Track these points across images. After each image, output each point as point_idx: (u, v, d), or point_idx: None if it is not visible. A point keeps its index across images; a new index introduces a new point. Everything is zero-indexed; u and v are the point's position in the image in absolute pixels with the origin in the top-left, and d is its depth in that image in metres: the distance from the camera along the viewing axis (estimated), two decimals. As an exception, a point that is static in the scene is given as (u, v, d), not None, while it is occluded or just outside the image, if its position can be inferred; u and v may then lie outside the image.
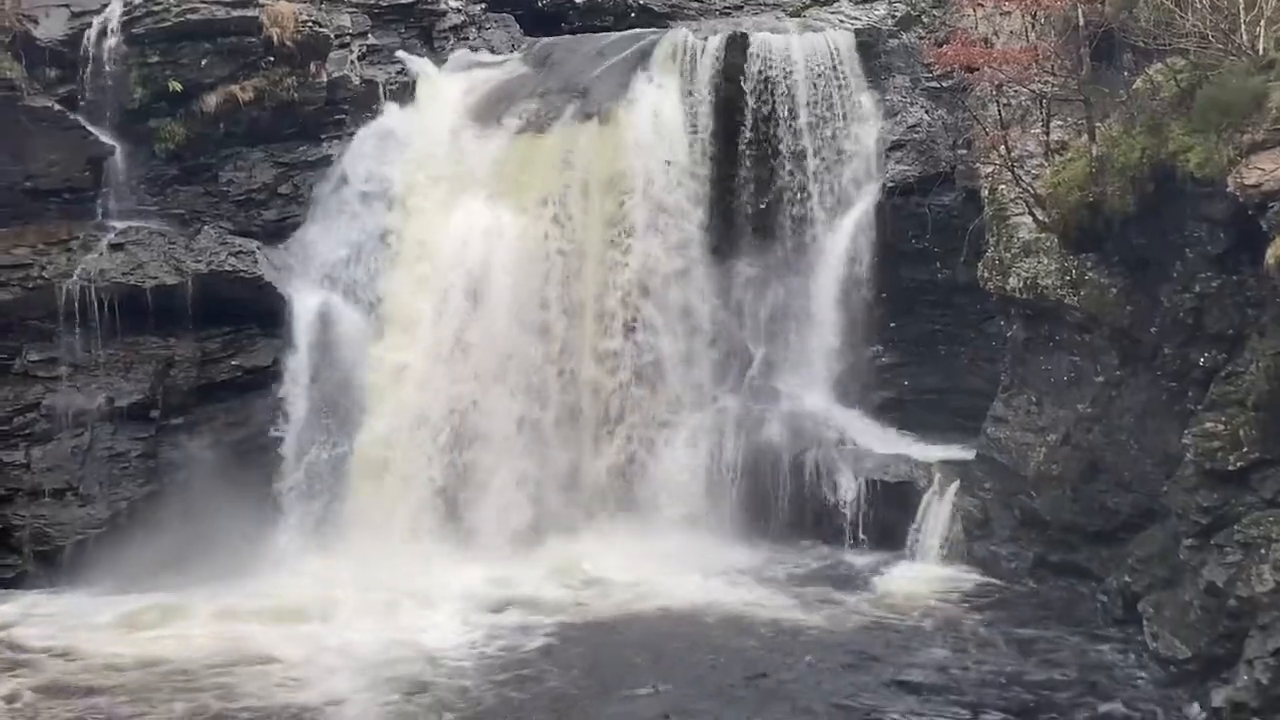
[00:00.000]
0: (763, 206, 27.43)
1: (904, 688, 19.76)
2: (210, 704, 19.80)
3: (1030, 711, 18.92)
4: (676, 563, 24.85)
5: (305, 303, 26.28)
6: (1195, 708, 18.61)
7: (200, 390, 25.74)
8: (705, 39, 27.75)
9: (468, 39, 29.23)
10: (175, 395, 25.53)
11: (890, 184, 26.99)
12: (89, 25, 26.51)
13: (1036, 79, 23.11)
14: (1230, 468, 19.24)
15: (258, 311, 25.99)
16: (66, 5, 26.64)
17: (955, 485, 24.82)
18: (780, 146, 27.32)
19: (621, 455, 26.76)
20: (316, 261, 26.80)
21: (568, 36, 29.70)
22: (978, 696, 19.41)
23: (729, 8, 30.25)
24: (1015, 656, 20.73)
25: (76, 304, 25.13)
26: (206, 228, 26.28)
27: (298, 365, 26.11)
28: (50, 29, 26.43)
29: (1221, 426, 19.48)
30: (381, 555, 24.92)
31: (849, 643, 21.44)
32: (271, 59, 26.84)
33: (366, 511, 25.86)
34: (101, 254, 25.54)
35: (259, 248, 26.35)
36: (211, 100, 26.59)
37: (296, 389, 26.08)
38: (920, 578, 24.03)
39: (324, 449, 26.06)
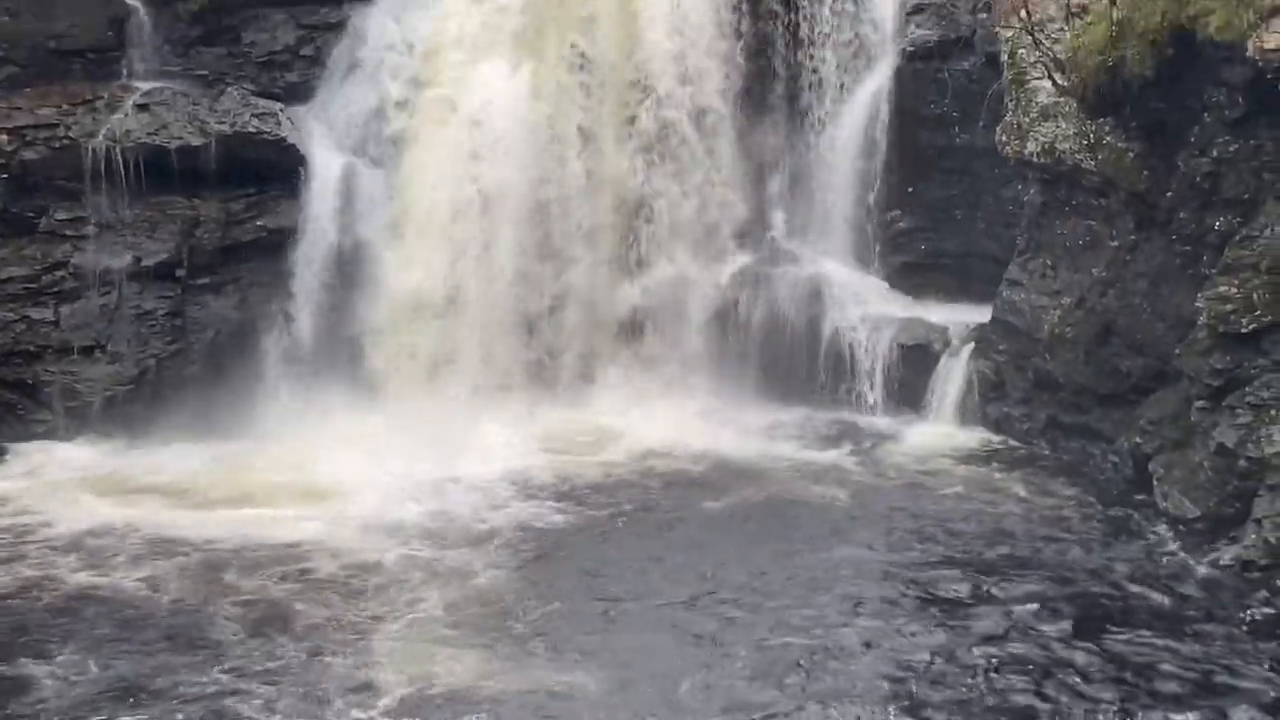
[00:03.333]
0: (784, 68, 27.43)
1: (923, 539, 20.31)
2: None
3: (1044, 566, 19.38)
4: (691, 420, 25.34)
5: (328, 164, 26.35)
6: (1205, 565, 19.05)
7: (225, 250, 25.89)
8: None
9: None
10: (201, 255, 25.72)
11: (910, 48, 26.90)
12: (112, -117, 26.47)
13: (1059, -59, 23.12)
14: (1243, 330, 19.53)
15: (281, 173, 26.08)
16: None
17: (970, 348, 25.13)
18: (800, 9, 27.28)
19: (636, 312, 27.09)
20: (338, 123, 26.84)
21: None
22: (989, 550, 19.91)
23: None
24: (1032, 513, 21.19)
25: (102, 164, 25.27)
26: (230, 89, 26.34)
27: (319, 225, 26.21)
28: (72, -113, 26.39)
29: (1235, 290, 19.73)
30: (400, 409, 25.34)
31: (858, 499, 21.96)
32: (294, -84, 26.86)
33: (384, 368, 26.22)
34: (126, 114, 25.62)
35: (282, 109, 26.39)
36: (233, -39, 26.65)
37: (318, 249, 26.21)
38: (933, 438, 24.45)
39: (344, 307, 26.31)
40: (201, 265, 25.78)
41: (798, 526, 21.07)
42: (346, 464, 23.04)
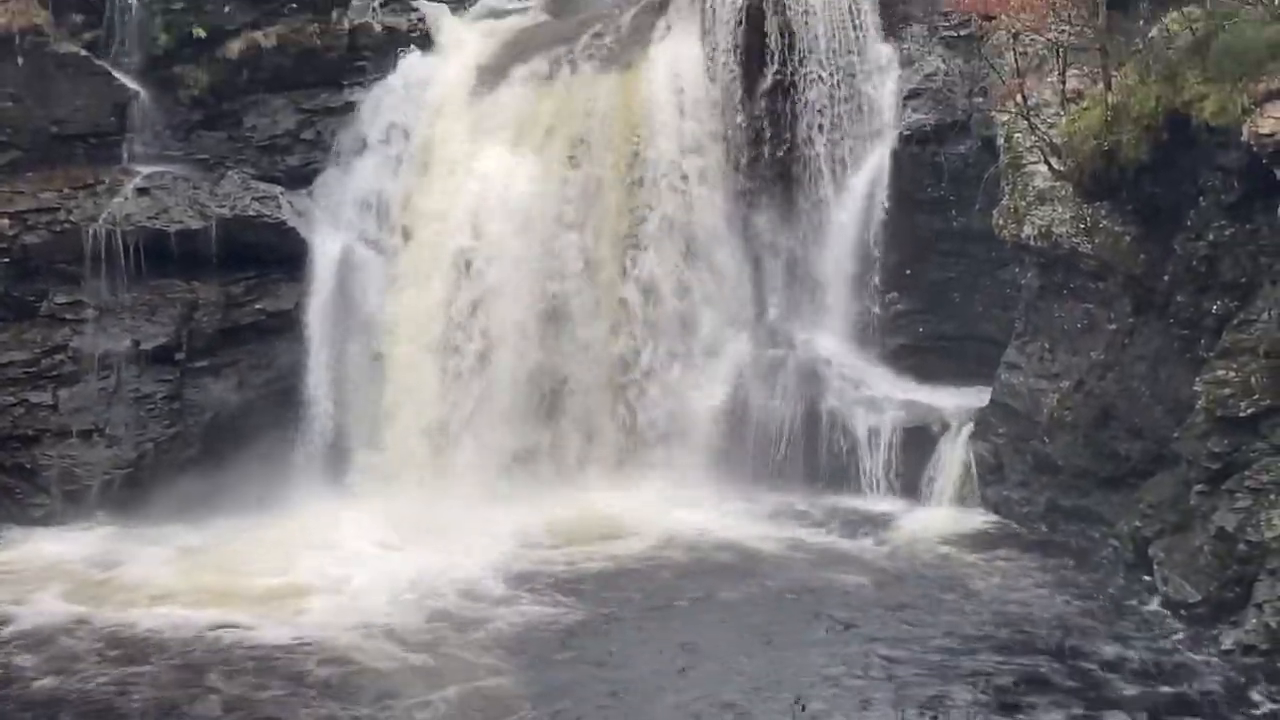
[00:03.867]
0: (781, 154, 27.53)
1: (922, 627, 20.13)
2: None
3: (1051, 653, 19.28)
4: (691, 505, 25.18)
5: (327, 247, 26.56)
6: (1206, 650, 18.97)
7: (224, 333, 26.08)
8: (726, -14, 27.91)
9: (488, -14, 29.41)
10: (199, 338, 25.89)
11: (907, 132, 27.06)
12: (115, -30, 26.76)
13: (1053, 27, 23.23)
14: (1241, 414, 19.54)
15: (281, 256, 26.28)
16: (92, -49, 26.87)
17: (969, 430, 25.08)
18: (799, 95, 27.44)
19: (636, 400, 27.01)
20: (338, 207, 27.05)
21: (587, -17, 29.85)
22: (998, 637, 19.83)
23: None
24: (1031, 599, 21.06)
25: (103, 247, 25.46)
26: (230, 173, 26.59)
27: (319, 309, 26.36)
28: (76, -25, 26.68)
29: (1233, 374, 19.75)
30: (400, 498, 25.26)
31: (867, 585, 21.78)
32: (294, 5, 27.30)
33: (385, 455, 26.22)
34: (127, 198, 25.85)
35: (282, 193, 26.68)
36: (235, 46, 26.91)
37: (318, 333, 26.32)
38: (934, 522, 24.35)
39: (343, 392, 26.33)
40: (200, 348, 25.94)
41: (811, 616, 20.82)
42: (344, 558, 22.81)
